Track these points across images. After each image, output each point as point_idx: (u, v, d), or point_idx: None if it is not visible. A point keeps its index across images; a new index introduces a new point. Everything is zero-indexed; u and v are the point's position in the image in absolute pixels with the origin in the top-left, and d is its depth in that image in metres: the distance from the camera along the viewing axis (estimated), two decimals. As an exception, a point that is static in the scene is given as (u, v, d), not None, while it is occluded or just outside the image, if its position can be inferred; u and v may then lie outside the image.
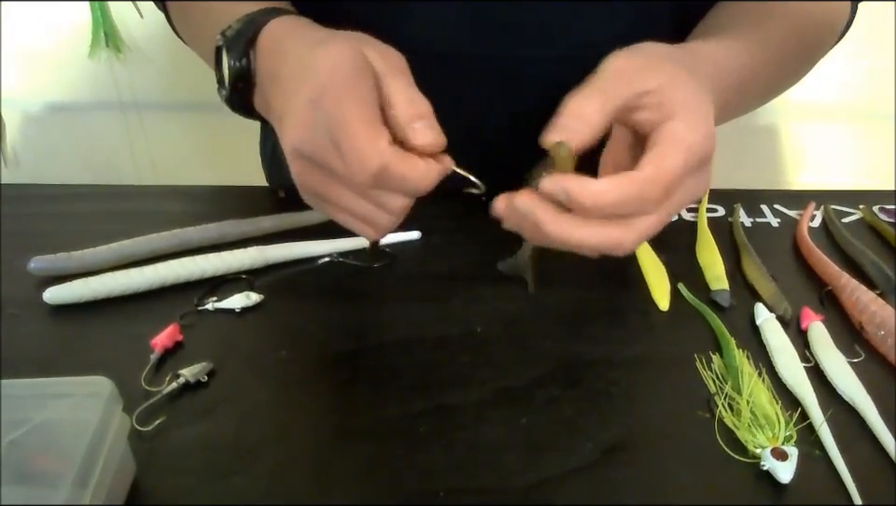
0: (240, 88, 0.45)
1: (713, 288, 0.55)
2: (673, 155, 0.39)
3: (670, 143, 0.39)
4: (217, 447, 0.42)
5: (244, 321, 0.52)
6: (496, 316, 0.53)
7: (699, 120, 0.40)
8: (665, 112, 0.40)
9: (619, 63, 0.41)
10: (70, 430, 0.37)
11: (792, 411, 0.44)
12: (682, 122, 0.39)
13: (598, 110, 0.39)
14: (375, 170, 0.38)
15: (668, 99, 0.40)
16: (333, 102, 0.38)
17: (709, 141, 0.40)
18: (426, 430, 0.44)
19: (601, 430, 0.44)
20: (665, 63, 0.41)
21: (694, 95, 0.41)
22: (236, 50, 0.44)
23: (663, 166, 0.38)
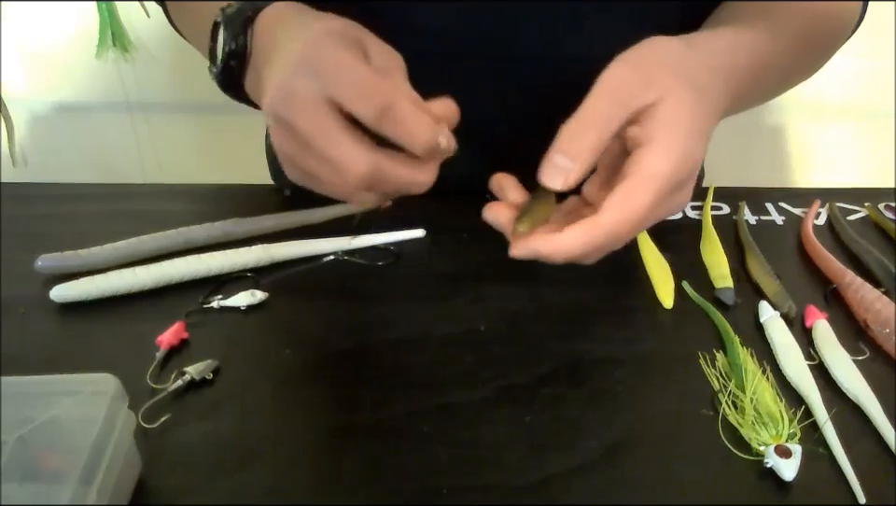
0: (232, 66, 0.45)
1: (717, 286, 0.55)
2: (643, 194, 0.39)
3: (640, 179, 0.39)
4: (222, 444, 0.43)
5: (249, 319, 0.52)
6: (500, 314, 0.53)
7: (677, 143, 0.39)
8: (647, 131, 0.40)
9: (616, 79, 0.40)
10: (76, 428, 0.37)
11: (796, 408, 0.44)
12: (657, 149, 0.39)
13: (591, 146, 0.39)
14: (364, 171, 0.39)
15: (653, 117, 0.40)
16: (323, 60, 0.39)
17: (686, 164, 0.40)
18: (429, 429, 0.44)
19: (605, 429, 0.44)
20: (664, 75, 0.41)
21: (683, 112, 0.40)
22: (233, 27, 0.44)
23: (630, 208, 0.39)
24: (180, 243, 0.58)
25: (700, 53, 0.44)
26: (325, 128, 0.38)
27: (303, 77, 0.38)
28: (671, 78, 0.41)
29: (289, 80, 0.39)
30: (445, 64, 0.61)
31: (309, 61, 0.39)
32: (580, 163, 0.39)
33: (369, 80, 0.38)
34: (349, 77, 0.38)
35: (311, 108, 0.38)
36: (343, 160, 0.39)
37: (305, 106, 0.38)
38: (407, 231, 0.61)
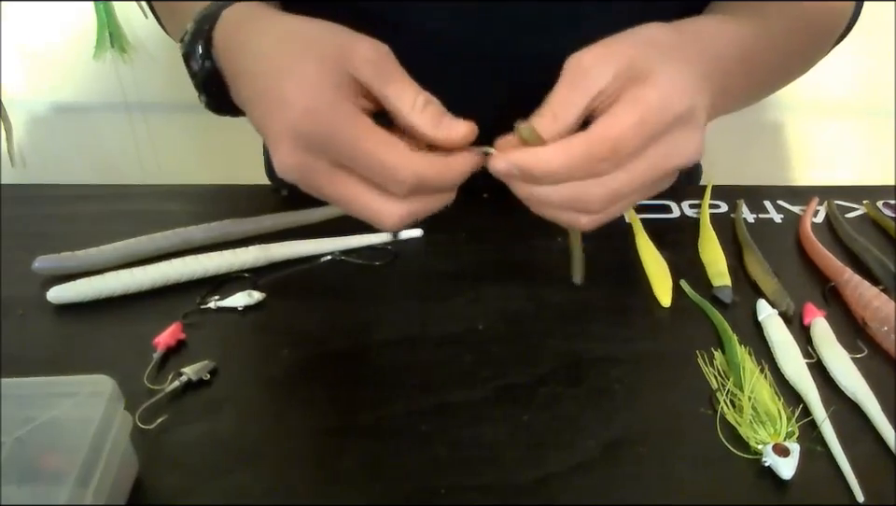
0: (213, 91, 0.44)
1: (715, 284, 0.55)
2: (624, 113, 0.38)
3: (623, 102, 0.38)
4: (219, 445, 0.42)
5: (246, 320, 0.52)
6: (498, 314, 0.53)
7: (664, 80, 0.39)
8: (625, 84, 0.39)
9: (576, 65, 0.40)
10: (73, 429, 0.37)
11: (795, 407, 0.44)
12: (642, 84, 0.38)
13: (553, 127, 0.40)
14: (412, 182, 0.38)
15: (628, 76, 0.39)
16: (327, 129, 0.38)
17: (676, 97, 0.39)
18: (428, 428, 0.44)
19: (603, 427, 0.44)
20: (626, 48, 0.40)
21: (666, 64, 0.39)
22: (196, 54, 0.43)
23: (611, 124, 0.38)
24: (178, 243, 0.58)
25: (680, 34, 0.43)
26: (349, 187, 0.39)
27: (312, 155, 0.38)
28: (633, 49, 0.40)
29: (298, 159, 0.38)
30: (442, 63, 0.60)
31: (311, 140, 0.38)
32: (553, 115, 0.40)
33: (386, 162, 0.38)
34: (367, 162, 0.38)
35: (329, 175, 0.39)
36: (366, 208, 0.39)
37: (323, 175, 0.39)
38: (404, 230, 0.61)
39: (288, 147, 0.38)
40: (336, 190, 0.39)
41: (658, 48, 0.41)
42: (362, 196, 0.39)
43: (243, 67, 0.42)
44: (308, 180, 0.39)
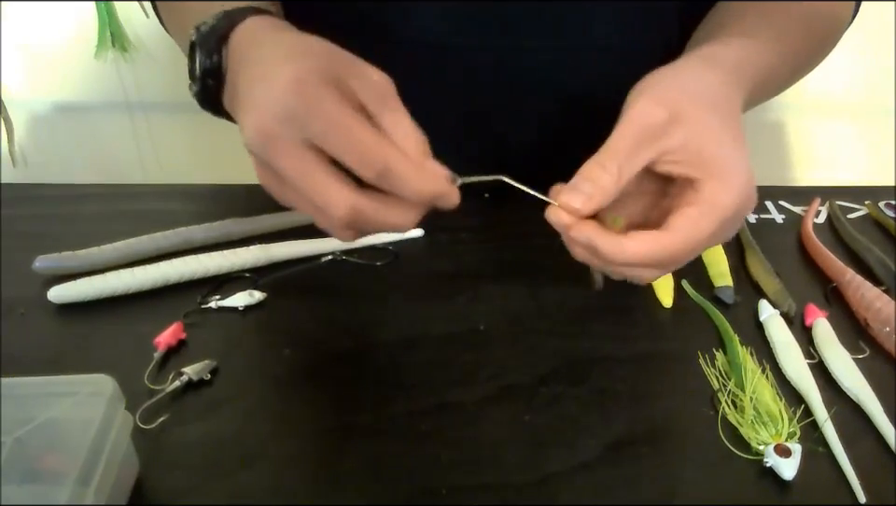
0: (210, 85, 0.44)
1: (717, 284, 0.55)
2: (708, 222, 0.39)
3: (708, 207, 0.39)
4: (220, 445, 0.42)
5: (247, 319, 0.52)
6: (499, 313, 0.53)
7: (737, 177, 0.40)
8: (698, 168, 0.40)
9: (643, 116, 0.40)
10: (73, 429, 0.37)
11: (796, 407, 0.44)
12: (719, 183, 0.39)
13: (615, 182, 0.39)
14: (346, 213, 0.38)
15: (697, 154, 0.40)
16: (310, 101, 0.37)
17: (749, 200, 0.41)
18: (428, 428, 0.44)
19: (604, 427, 0.44)
20: (690, 107, 0.40)
21: (728, 145, 0.40)
22: (208, 47, 0.43)
23: (694, 234, 0.39)
24: (178, 243, 0.58)
25: (717, 71, 0.44)
26: (307, 171, 0.37)
27: (286, 124, 0.37)
28: (698, 111, 0.40)
29: (270, 124, 0.37)
30: (444, 57, 0.60)
31: (291, 108, 0.37)
32: (600, 192, 0.39)
33: (362, 140, 0.37)
34: (340, 135, 0.37)
35: (293, 152, 0.37)
36: (325, 202, 0.38)
37: (287, 150, 0.37)
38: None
39: (263, 115, 0.38)
40: (295, 167, 0.38)
41: (720, 112, 0.41)
42: (319, 178, 0.38)
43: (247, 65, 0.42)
44: (271, 151, 0.38)
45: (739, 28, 0.51)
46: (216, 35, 0.43)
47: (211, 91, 0.44)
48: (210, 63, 0.43)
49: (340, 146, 0.37)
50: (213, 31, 0.44)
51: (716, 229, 0.40)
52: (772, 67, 0.50)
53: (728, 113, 0.42)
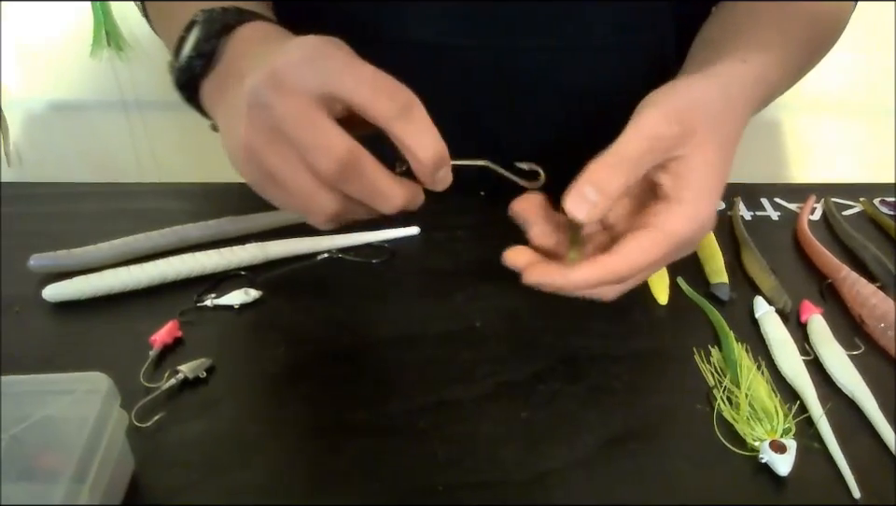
0: (194, 66, 0.43)
1: (712, 281, 0.55)
2: (656, 248, 0.40)
3: (659, 234, 0.40)
4: (216, 443, 0.42)
5: (243, 318, 0.52)
6: (496, 311, 0.53)
7: (703, 207, 0.41)
8: (675, 188, 0.41)
9: (653, 127, 0.40)
10: (69, 427, 0.37)
11: (791, 404, 0.44)
12: (681, 209, 0.40)
13: (620, 186, 0.39)
14: (343, 156, 0.36)
15: (684, 172, 0.41)
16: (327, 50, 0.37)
17: (704, 228, 0.41)
18: (426, 425, 0.44)
19: (601, 424, 0.44)
20: (700, 127, 0.41)
21: (713, 172, 0.41)
22: (209, 29, 0.43)
23: (642, 259, 0.40)
24: (175, 241, 0.57)
25: (729, 94, 0.44)
26: (307, 113, 0.36)
27: (304, 67, 0.36)
28: (705, 132, 0.41)
29: (286, 67, 0.37)
30: (440, 57, 0.60)
31: (313, 56, 0.37)
32: (605, 199, 0.39)
33: (386, 78, 0.37)
34: (362, 74, 0.37)
35: (300, 96, 0.36)
36: (320, 141, 0.36)
37: (295, 93, 0.36)
38: (401, 228, 0.60)
39: (279, 62, 0.37)
40: (298, 111, 0.36)
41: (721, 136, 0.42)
42: (321, 122, 0.37)
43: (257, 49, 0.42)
44: (275, 95, 0.36)
45: (756, 40, 0.51)
46: (220, 22, 0.43)
47: (194, 74, 0.43)
48: (207, 45, 0.43)
49: (359, 81, 0.36)
50: (222, 15, 0.44)
51: (666, 253, 0.41)
52: (781, 79, 0.50)
53: (727, 138, 0.43)
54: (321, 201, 0.38)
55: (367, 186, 0.38)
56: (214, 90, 0.43)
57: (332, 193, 0.38)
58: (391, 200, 0.39)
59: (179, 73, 0.44)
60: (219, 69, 0.43)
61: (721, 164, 0.42)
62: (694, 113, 0.41)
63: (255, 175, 0.39)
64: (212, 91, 0.44)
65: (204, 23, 0.43)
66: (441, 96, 0.62)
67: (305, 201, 0.38)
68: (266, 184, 0.39)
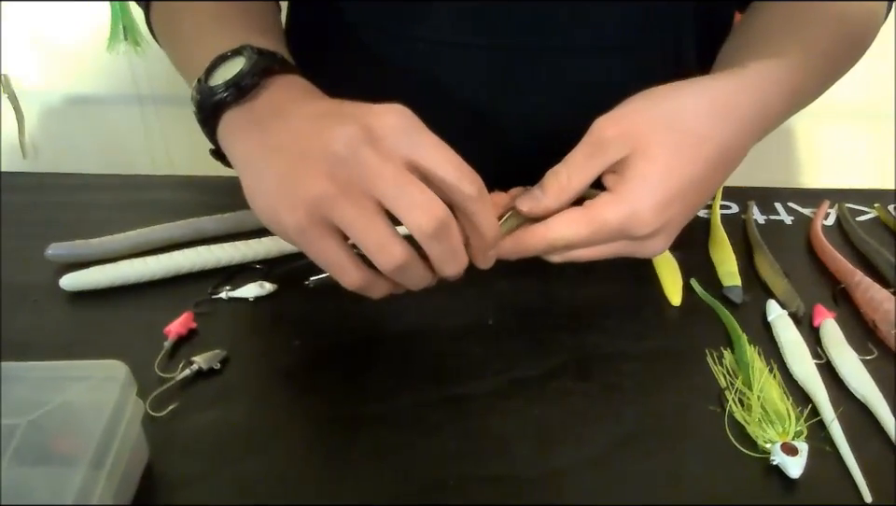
0: (227, 94, 0.43)
1: (725, 284, 0.55)
2: (581, 227, 0.43)
3: (586, 213, 0.43)
4: (229, 433, 0.43)
5: (257, 310, 0.53)
6: (509, 308, 0.53)
7: (639, 199, 0.43)
8: (614, 182, 0.44)
9: (597, 134, 0.44)
10: (87, 413, 0.37)
11: (803, 407, 0.44)
12: (613, 198, 0.43)
13: (564, 189, 0.44)
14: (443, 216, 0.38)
15: (623, 171, 0.43)
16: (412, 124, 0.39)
17: (644, 225, 0.43)
18: (437, 419, 0.44)
19: (613, 423, 0.44)
20: (643, 129, 0.43)
21: (657, 169, 0.43)
22: (255, 65, 0.43)
23: (565, 229, 0.44)
24: (191, 233, 0.58)
25: (709, 99, 0.45)
26: (405, 173, 0.38)
27: (402, 132, 0.38)
28: (649, 133, 0.43)
29: (385, 128, 0.38)
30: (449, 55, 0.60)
31: (408, 125, 0.39)
32: (548, 199, 0.44)
33: (463, 162, 0.39)
34: (448, 154, 0.39)
35: (395, 157, 0.38)
36: (422, 199, 0.38)
37: (391, 154, 0.38)
38: None
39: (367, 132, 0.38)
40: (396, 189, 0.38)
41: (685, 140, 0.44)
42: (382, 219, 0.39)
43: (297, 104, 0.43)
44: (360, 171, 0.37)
45: (766, 47, 0.50)
46: (267, 62, 0.44)
47: (224, 100, 0.44)
48: (249, 79, 0.43)
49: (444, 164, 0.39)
50: (267, 57, 0.44)
51: (591, 233, 0.43)
52: (801, 84, 0.50)
53: (693, 140, 0.44)
54: (394, 251, 0.39)
55: (450, 247, 0.40)
56: (243, 125, 0.44)
57: (405, 245, 0.39)
58: (461, 263, 0.42)
59: (208, 95, 0.44)
60: (255, 105, 0.43)
61: (675, 164, 0.43)
62: (637, 114, 0.44)
63: (310, 224, 0.39)
64: (239, 125, 0.44)
65: (251, 58, 0.44)
66: (449, 94, 0.62)
67: (377, 250, 0.39)
68: (321, 234, 0.39)
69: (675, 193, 0.43)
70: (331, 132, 0.38)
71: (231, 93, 0.43)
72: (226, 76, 0.44)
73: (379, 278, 0.42)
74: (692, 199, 0.45)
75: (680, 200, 0.44)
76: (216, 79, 0.44)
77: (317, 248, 0.40)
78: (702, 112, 0.44)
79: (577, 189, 0.44)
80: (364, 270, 0.41)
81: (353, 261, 0.41)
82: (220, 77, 0.44)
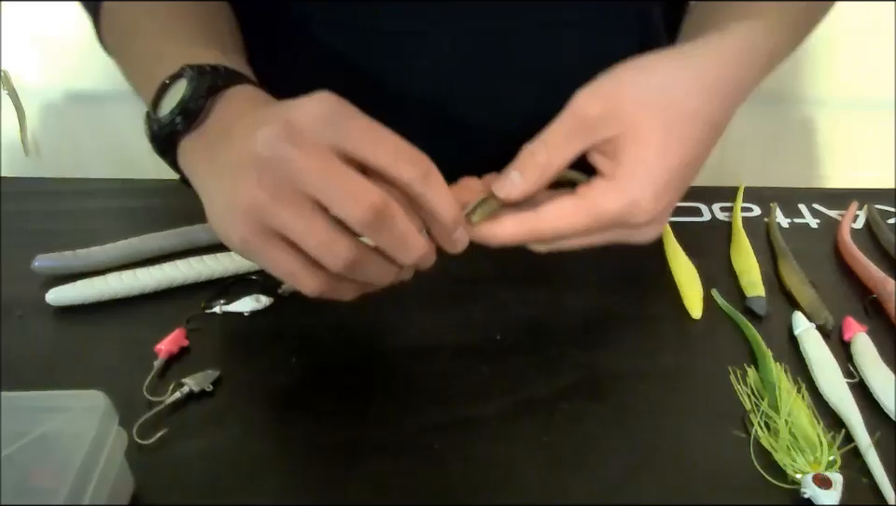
0: (177, 123, 0.41)
1: (748, 294, 0.52)
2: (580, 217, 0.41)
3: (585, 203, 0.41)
4: (221, 461, 0.40)
5: (252, 325, 0.50)
6: (517, 321, 0.50)
7: (637, 186, 0.40)
8: (609, 166, 0.41)
9: (580, 109, 0.41)
10: (66, 445, 0.35)
11: (836, 432, 0.41)
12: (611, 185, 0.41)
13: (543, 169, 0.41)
14: (378, 202, 0.35)
15: (617, 154, 0.41)
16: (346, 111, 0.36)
17: (644, 212, 0.40)
18: (441, 446, 0.41)
19: (627, 448, 0.41)
20: (631, 108, 0.40)
21: (652, 151, 0.40)
22: (198, 88, 0.41)
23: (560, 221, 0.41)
24: (184, 243, 0.55)
25: (692, 70, 0.42)
26: (333, 163, 0.35)
27: (324, 122, 0.35)
28: (638, 112, 0.40)
29: (304, 120, 0.35)
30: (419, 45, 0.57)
31: (331, 112, 0.36)
32: (527, 182, 0.41)
33: (404, 143, 0.37)
34: (382, 137, 0.36)
35: (321, 149, 0.35)
36: (353, 188, 0.35)
37: (315, 146, 0.35)
38: None
39: (295, 114, 0.35)
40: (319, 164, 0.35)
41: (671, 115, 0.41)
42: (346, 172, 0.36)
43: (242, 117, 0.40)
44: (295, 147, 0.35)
45: (740, 9, 0.47)
46: (210, 81, 0.41)
47: (175, 129, 0.41)
48: (194, 104, 0.40)
49: (380, 146, 0.36)
50: (208, 76, 0.41)
51: (589, 224, 0.41)
52: (778, 47, 0.47)
53: (683, 118, 0.41)
54: (339, 249, 0.36)
55: (396, 234, 0.37)
56: (198, 149, 0.41)
57: (351, 241, 0.36)
58: (415, 250, 0.38)
59: (159, 127, 0.42)
60: (205, 128, 0.41)
61: (669, 145, 0.40)
62: (624, 90, 0.41)
63: (252, 235, 0.37)
64: (194, 151, 0.41)
65: (192, 80, 0.41)
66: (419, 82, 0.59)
67: (321, 251, 0.36)
68: (265, 244, 0.37)
69: (670, 178, 0.41)
70: (254, 136, 0.36)
71: (181, 121, 0.41)
72: (171, 104, 0.41)
73: (341, 280, 0.39)
74: (684, 181, 0.42)
75: (675, 183, 0.41)
76: (163, 109, 0.42)
77: (266, 259, 0.38)
78: (690, 88, 0.41)
79: (557, 170, 0.41)
80: (319, 274, 0.38)
81: (305, 267, 0.38)
82: (167, 106, 0.42)
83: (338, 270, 0.37)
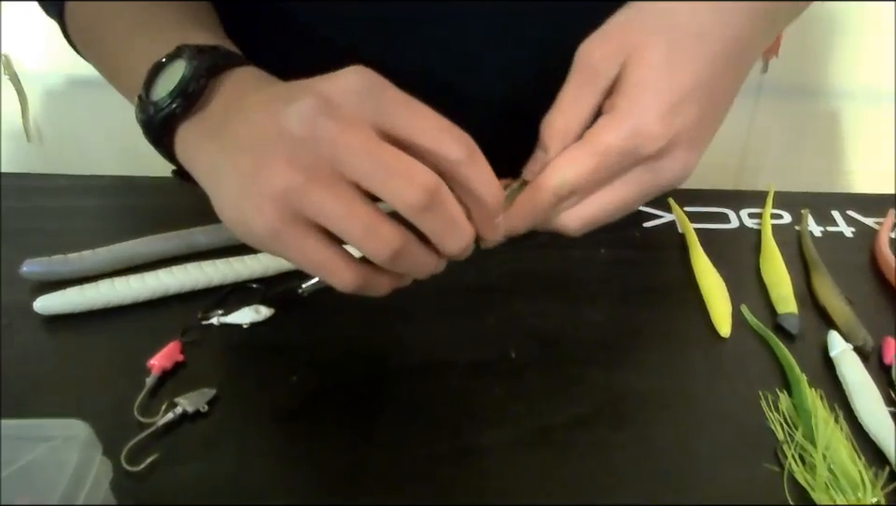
0: (174, 105, 0.37)
1: (780, 311, 0.49)
2: (585, 159, 0.38)
3: (585, 145, 0.38)
4: (217, 489, 0.38)
5: (251, 338, 0.47)
6: (533, 337, 0.47)
7: (639, 112, 0.37)
8: (613, 100, 0.38)
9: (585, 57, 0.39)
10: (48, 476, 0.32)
11: (878, 467, 0.38)
12: (612, 117, 0.38)
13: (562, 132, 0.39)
14: (431, 183, 0.32)
15: (621, 86, 0.38)
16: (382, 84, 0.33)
17: (650, 139, 0.37)
18: (451, 477, 0.38)
19: (650, 482, 0.38)
20: (632, 37, 0.38)
21: (655, 73, 0.37)
22: (198, 67, 0.37)
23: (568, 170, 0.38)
24: (181, 246, 0.52)
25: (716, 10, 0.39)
26: (379, 142, 0.32)
27: (364, 97, 0.33)
28: (640, 38, 0.38)
29: (343, 95, 0.32)
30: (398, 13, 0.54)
31: (370, 86, 0.33)
32: (554, 151, 0.39)
33: (446, 121, 0.34)
34: (425, 114, 0.33)
35: (363, 125, 0.32)
36: (405, 168, 0.32)
37: (356, 122, 0.32)
38: None
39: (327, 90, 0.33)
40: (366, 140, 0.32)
41: (670, 33, 0.38)
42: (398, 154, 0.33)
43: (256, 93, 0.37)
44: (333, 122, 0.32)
45: None
46: (210, 60, 0.38)
47: (173, 113, 0.38)
48: (194, 84, 0.37)
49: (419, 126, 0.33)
50: (208, 55, 0.38)
51: (597, 164, 0.38)
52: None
53: (690, 38, 0.38)
54: (386, 235, 0.33)
55: (448, 219, 0.34)
56: (200, 133, 0.38)
57: (397, 226, 0.33)
58: (466, 236, 0.35)
59: (154, 111, 0.38)
60: (207, 112, 0.37)
61: (675, 64, 0.38)
62: (627, 27, 0.39)
63: (282, 222, 0.33)
64: (197, 134, 0.38)
65: (191, 60, 0.37)
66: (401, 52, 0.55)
67: (366, 238, 0.33)
68: (297, 233, 0.33)
69: (681, 96, 0.37)
70: (284, 112, 0.32)
71: (179, 104, 0.37)
72: (168, 85, 0.37)
73: (377, 272, 0.36)
74: (703, 103, 0.38)
75: (689, 103, 0.38)
76: (158, 92, 0.38)
77: (297, 251, 0.34)
78: (696, 8, 0.38)
79: (577, 131, 0.39)
80: (357, 265, 0.35)
81: (342, 258, 0.35)
82: (163, 89, 0.38)
83: (383, 259, 0.34)
